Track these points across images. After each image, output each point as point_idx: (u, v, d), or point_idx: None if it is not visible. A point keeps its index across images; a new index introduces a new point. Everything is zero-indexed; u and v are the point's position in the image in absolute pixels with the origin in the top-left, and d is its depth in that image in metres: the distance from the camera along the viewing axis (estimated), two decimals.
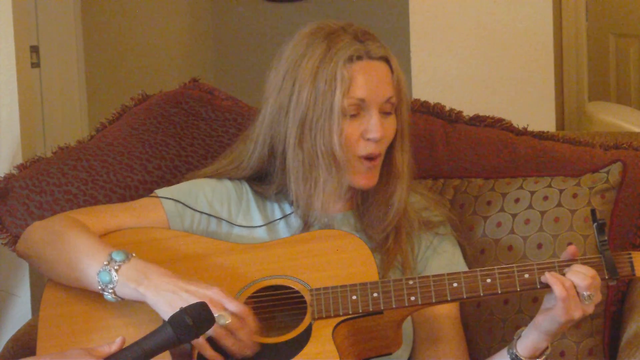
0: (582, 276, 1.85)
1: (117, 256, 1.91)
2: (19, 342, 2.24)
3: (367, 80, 2.01)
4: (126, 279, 1.89)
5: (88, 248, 1.95)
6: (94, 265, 1.91)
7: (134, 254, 1.92)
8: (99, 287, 1.91)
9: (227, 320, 1.84)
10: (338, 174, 2.03)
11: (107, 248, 1.94)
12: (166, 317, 1.84)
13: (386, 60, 2.05)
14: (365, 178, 2.04)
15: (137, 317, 1.93)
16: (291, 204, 2.09)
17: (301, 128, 2.03)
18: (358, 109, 2.02)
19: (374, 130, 2.01)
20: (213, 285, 1.88)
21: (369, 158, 2.03)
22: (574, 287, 1.85)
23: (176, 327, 1.70)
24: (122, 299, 1.90)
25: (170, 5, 5.11)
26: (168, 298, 1.85)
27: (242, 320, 1.85)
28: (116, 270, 1.90)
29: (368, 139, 2.02)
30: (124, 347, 1.72)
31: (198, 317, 1.72)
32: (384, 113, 2.04)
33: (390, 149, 2.07)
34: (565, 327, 1.88)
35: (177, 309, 1.81)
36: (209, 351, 1.86)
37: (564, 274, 1.87)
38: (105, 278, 1.90)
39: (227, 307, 1.85)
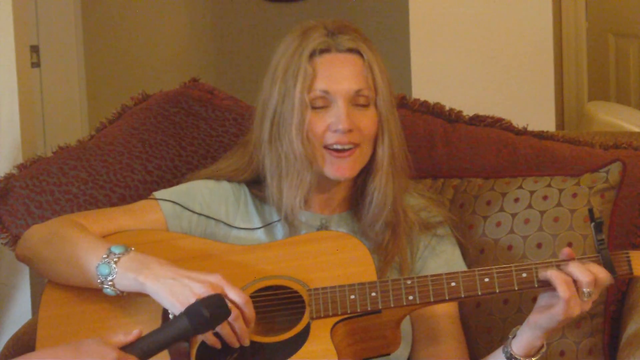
0: (586, 272, 1.85)
1: (116, 249, 1.91)
2: (19, 341, 2.24)
3: (331, 73, 2.01)
4: (126, 270, 1.88)
5: (87, 244, 1.95)
6: (93, 260, 1.91)
7: (133, 248, 1.93)
8: (99, 281, 1.90)
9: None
10: (310, 168, 2.02)
11: (106, 243, 1.94)
12: (166, 304, 1.84)
13: (358, 52, 2.04)
14: (336, 169, 2.03)
15: (138, 317, 1.93)
16: None
17: (271, 126, 2.04)
18: (325, 102, 2.02)
19: (339, 122, 2.00)
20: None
21: (338, 150, 2.02)
22: (574, 283, 1.85)
23: (192, 318, 1.71)
24: (122, 292, 1.90)
25: (170, 6, 5.11)
26: (168, 285, 1.85)
27: (241, 309, 1.85)
28: (115, 263, 1.89)
29: (335, 131, 2.01)
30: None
31: (214, 308, 1.72)
32: (359, 105, 2.03)
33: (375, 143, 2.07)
34: (561, 325, 1.88)
35: (178, 296, 1.82)
36: (210, 337, 1.86)
37: None
38: (105, 270, 1.90)
39: (227, 294, 1.85)
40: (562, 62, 4.00)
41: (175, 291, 1.83)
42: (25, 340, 2.20)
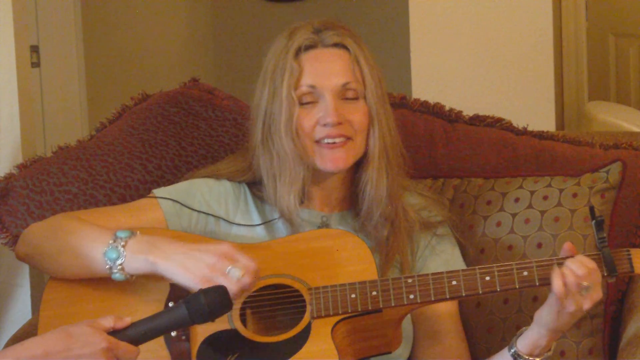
0: (579, 264, 1.85)
1: (122, 233, 1.91)
2: (19, 341, 2.23)
3: (316, 67, 2.03)
4: (134, 252, 1.89)
5: (91, 233, 1.95)
6: (99, 246, 1.91)
7: (138, 232, 1.93)
8: (107, 267, 1.90)
9: (240, 272, 1.83)
10: (302, 164, 2.03)
11: (111, 230, 1.94)
12: (181, 280, 1.84)
13: (344, 47, 2.05)
14: (329, 160, 2.03)
15: (140, 316, 1.93)
16: None
17: (263, 126, 2.05)
18: (313, 97, 2.03)
19: (327, 115, 2.01)
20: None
21: (329, 144, 2.02)
22: (573, 275, 1.85)
23: (191, 309, 1.69)
24: (132, 275, 1.90)
25: (170, 6, 5.11)
26: (180, 260, 1.85)
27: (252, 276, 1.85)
28: (123, 246, 1.89)
29: (324, 125, 2.02)
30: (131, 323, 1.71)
31: (215, 301, 1.70)
32: (348, 99, 2.04)
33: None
34: (562, 322, 1.88)
35: (192, 270, 1.81)
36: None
37: None
38: (113, 255, 1.89)
39: (239, 261, 1.85)
40: (562, 62, 3.99)
41: (188, 266, 1.84)
42: None
